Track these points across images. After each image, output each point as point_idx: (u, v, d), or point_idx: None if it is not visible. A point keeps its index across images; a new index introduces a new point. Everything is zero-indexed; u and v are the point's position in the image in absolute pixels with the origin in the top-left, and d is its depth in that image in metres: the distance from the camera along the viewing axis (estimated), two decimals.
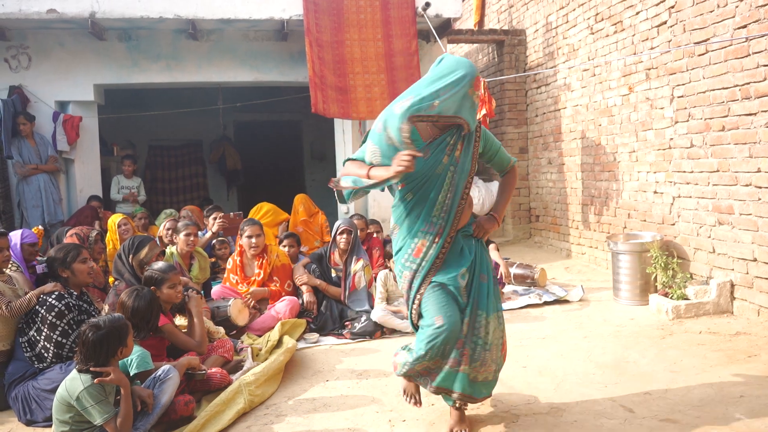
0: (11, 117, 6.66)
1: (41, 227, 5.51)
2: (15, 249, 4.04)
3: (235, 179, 11.45)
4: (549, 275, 6.03)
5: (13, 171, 6.85)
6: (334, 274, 5.10)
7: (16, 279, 3.66)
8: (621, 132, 6.02)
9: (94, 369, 2.68)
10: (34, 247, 4.24)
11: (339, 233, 5.06)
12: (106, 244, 5.61)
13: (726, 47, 4.47)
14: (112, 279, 4.64)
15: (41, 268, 3.82)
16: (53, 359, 3.33)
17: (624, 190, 6.04)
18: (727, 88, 4.48)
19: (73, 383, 2.70)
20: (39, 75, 7.18)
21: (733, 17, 4.40)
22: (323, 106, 6.88)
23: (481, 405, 3.13)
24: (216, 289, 4.97)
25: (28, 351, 3.36)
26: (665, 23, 5.24)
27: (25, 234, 4.22)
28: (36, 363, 3.35)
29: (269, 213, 7.01)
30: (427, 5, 7.13)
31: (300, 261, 5.27)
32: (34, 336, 3.35)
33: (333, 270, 5.12)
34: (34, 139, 6.91)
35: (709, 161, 4.74)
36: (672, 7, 5.11)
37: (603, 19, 6.25)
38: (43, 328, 3.32)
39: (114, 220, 5.91)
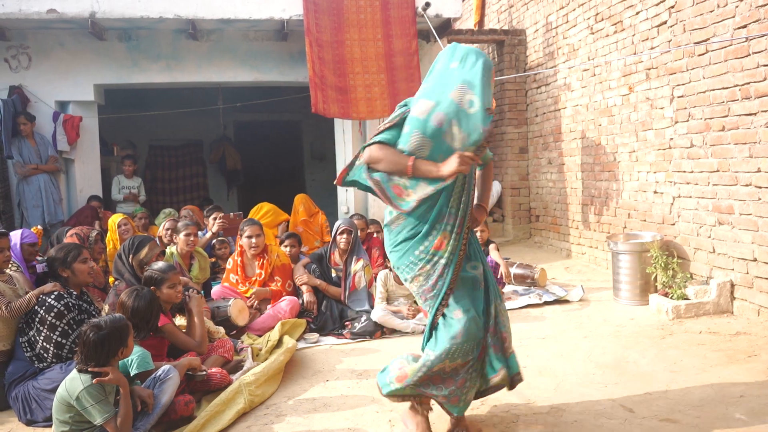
0: (11, 117, 6.66)
1: (40, 227, 5.51)
2: (15, 249, 4.04)
3: (235, 179, 11.45)
4: (549, 275, 6.03)
5: (14, 171, 6.85)
6: (334, 274, 5.10)
7: (17, 279, 3.66)
8: (621, 132, 6.02)
9: (92, 369, 2.69)
10: (34, 247, 4.25)
11: (339, 233, 5.06)
12: (106, 244, 5.61)
13: (726, 47, 4.47)
14: (112, 279, 4.64)
15: (41, 267, 3.82)
16: (53, 359, 3.33)
17: (624, 190, 6.04)
18: (727, 88, 4.48)
19: (73, 383, 2.70)
20: (39, 75, 7.18)
21: (733, 17, 4.40)
22: (323, 106, 6.88)
23: (482, 404, 3.14)
24: (216, 289, 4.97)
25: (28, 351, 3.36)
26: (665, 23, 5.24)
27: (25, 234, 4.22)
28: (36, 363, 3.35)
29: (269, 213, 7.01)
30: (427, 5, 7.13)
31: (300, 261, 5.28)
32: (34, 336, 3.35)
33: (333, 270, 5.12)
34: (34, 139, 6.91)
35: (709, 161, 4.73)
36: (672, 7, 5.11)
37: (603, 19, 6.25)
38: (43, 328, 3.32)
39: (114, 220, 5.91)
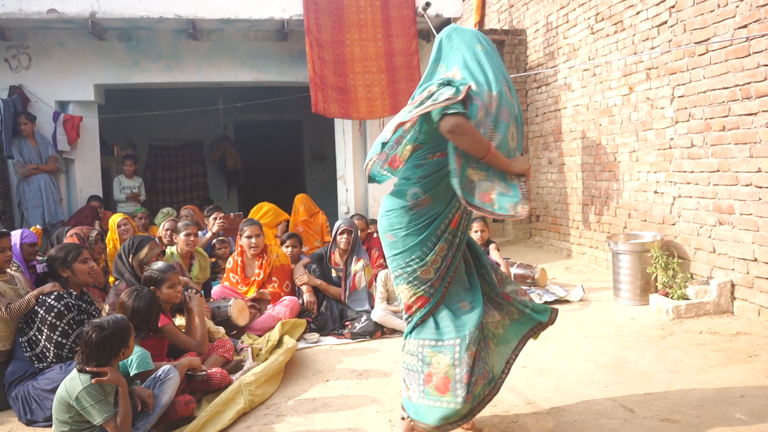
0: (12, 117, 6.66)
1: (39, 226, 5.50)
2: (14, 249, 4.04)
3: (236, 179, 11.45)
4: (549, 275, 6.02)
5: (14, 171, 6.85)
6: (334, 274, 5.10)
7: (18, 279, 3.66)
8: (621, 132, 6.01)
9: (90, 369, 2.68)
10: (33, 247, 4.24)
11: (339, 233, 5.06)
12: (106, 244, 5.61)
13: (726, 47, 4.47)
14: (112, 279, 4.64)
15: (41, 267, 3.82)
16: (54, 359, 3.33)
17: (624, 190, 6.04)
18: (728, 87, 4.48)
19: (73, 383, 2.70)
20: (39, 75, 7.18)
21: (734, 17, 4.39)
22: (323, 106, 6.88)
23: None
24: (216, 289, 4.97)
25: (28, 351, 3.36)
26: (666, 23, 5.23)
27: (25, 234, 4.21)
28: (36, 363, 3.35)
29: (269, 213, 7.01)
30: (428, 5, 7.12)
31: (300, 261, 5.27)
32: (35, 336, 3.35)
33: (333, 270, 5.12)
34: (34, 139, 6.91)
35: (710, 161, 4.73)
36: (672, 7, 5.11)
37: (603, 19, 6.24)
38: (43, 328, 3.32)
39: (114, 219, 5.91)
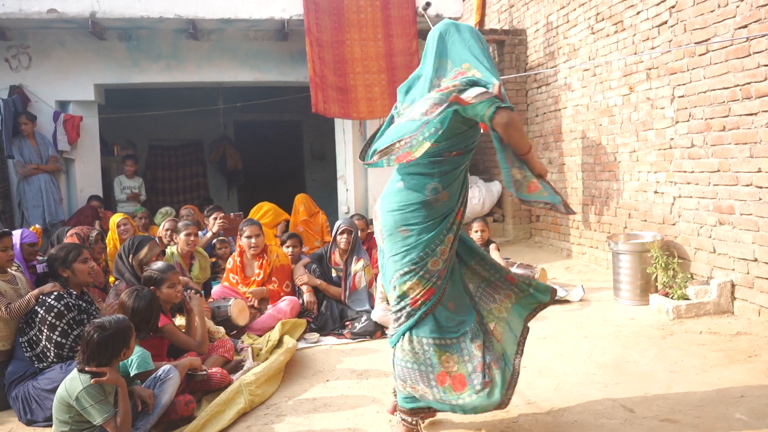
0: (12, 116, 6.66)
1: (39, 226, 5.50)
2: (15, 249, 4.03)
3: (236, 179, 11.45)
4: (549, 275, 6.02)
5: (15, 170, 6.85)
6: (334, 274, 5.10)
7: (19, 279, 3.66)
8: (621, 132, 6.01)
9: (90, 369, 2.68)
10: (33, 247, 4.23)
11: (339, 233, 5.06)
12: (106, 243, 5.61)
13: (727, 47, 4.47)
14: (112, 279, 4.65)
15: (41, 267, 3.82)
16: (54, 359, 3.33)
17: (624, 190, 6.04)
18: (728, 87, 4.48)
19: (73, 383, 2.70)
20: (39, 75, 7.18)
21: (734, 17, 4.39)
22: (324, 106, 6.88)
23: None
24: (216, 289, 4.97)
25: (28, 351, 3.36)
26: (666, 23, 5.23)
27: (25, 234, 4.20)
28: (36, 363, 3.35)
29: (269, 213, 7.01)
30: (428, 5, 7.12)
31: (301, 261, 5.27)
32: (35, 336, 3.35)
33: (333, 270, 5.12)
34: (35, 139, 6.91)
35: (710, 161, 4.73)
36: (673, 7, 5.11)
37: (603, 19, 6.24)
38: (43, 328, 3.32)
39: (114, 219, 5.91)
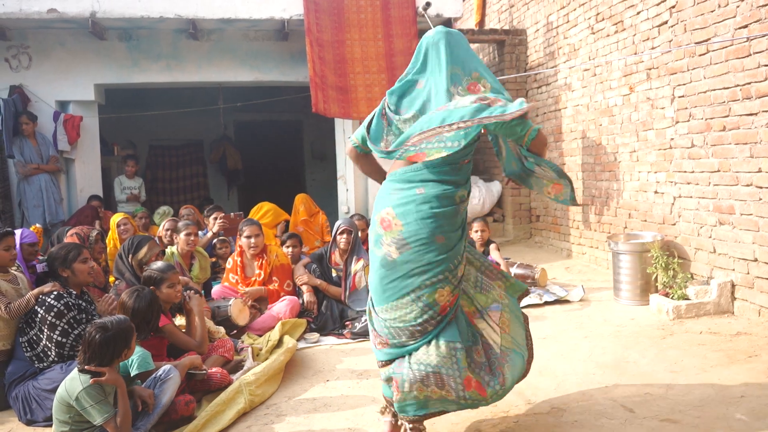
0: (12, 116, 6.67)
1: (39, 225, 5.49)
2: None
3: (236, 179, 11.46)
4: (549, 275, 6.02)
5: (15, 170, 6.86)
6: (334, 273, 5.10)
7: (20, 279, 3.66)
8: (622, 132, 6.01)
9: (89, 368, 2.68)
10: (33, 247, 4.22)
11: (339, 233, 5.06)
12: (106, 243, 5.61)
13: (727, 47, 4.47)
14: (112, 279, 4.64)
15: (41, 267, 3.82)
16: (55, 358, 3.33)
17: (625, 190, 6.03)
18: (728, 87, 4.48)
19: (73, 383, 2.70)
20: (39, 75, 7.18)
21: (734, 17, 4.39)
22: (324, 105, 6.88)
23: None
24: (216, 289, 4.97)
25: (28, 351, 3.36)
26: (666, 23, 5.23)
27: (25, 234, 4.19)
28: (36, 363, 3.35)
29: (270, 213, 7.01)
30: (428, 5, 7.13)
31: (301, 261, 5.27)
32: (35, 336, 3.35)
33: (333, 270, 5.12)
34: (35, 139, 6.92)
35: (710, 161, 4.73)
36: (673, 7, 5.11)
37: (604, 19, 6.24)
38: (44, 328, 3.32)
39: (114, 219, 5.92)
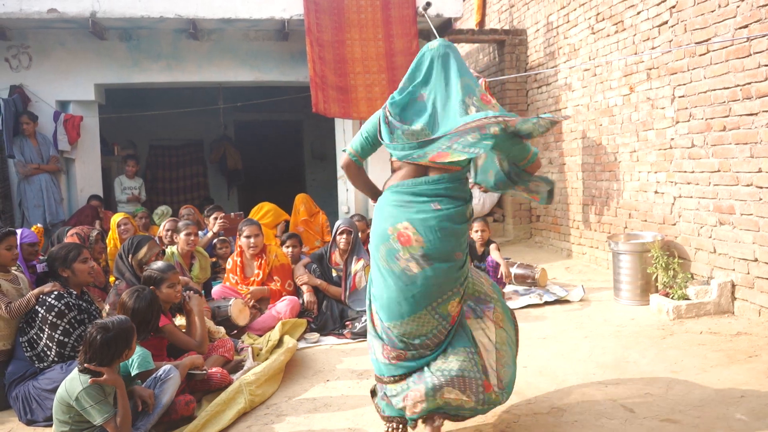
0: (12, 116, 6.67)
1: (40, 225, 5.49)
2: None
3: (236, 179, 11.46)
4: (549, 275, 6.02)
5: (16, 170, 6.86)
6: (334, 273, 5.10)
7: (21, 279, 3.66)
8: (622, 132, 6.01)
9: (88, 367, 2.68)
10: (33, 247, 4.23)
11: (339, 233, 5.06)
12: (106, 243, 5.61)
13: (727, 47, 4.47)
14: (112, 278, 4.64)
15: (41, 267, 3.82)
16: (56, 358, 3.33)
17: (625, 190, 6.03)
18: (729, 87, 4.48)
19: (73, 383, 2.70)
20: (40, 74, 7.18)
21: (735, 17, 4.39)
22: (324, 105, 6.88)
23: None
24: (216, 289, 4.96)
25: (28, 351, 3.36)
26: (666, 23, 5.23)
27: (25, 234, 4.18)
28: (36, 362, 3.35)
29: (270, 213, 7.01)
30: (428, 5, 7.12)
31: (301, 261, 5.27)
32: (36, 336, 3.35)
33: (333, 270, 5.12)
34: (36, 139, 6.92)
35: (710, 161, 4.73)
36: (673, 7, 5.11)
37: (604, 19, 6.24)
38: (45, 328, 3.32)
39: (115, 219, 5.92)
